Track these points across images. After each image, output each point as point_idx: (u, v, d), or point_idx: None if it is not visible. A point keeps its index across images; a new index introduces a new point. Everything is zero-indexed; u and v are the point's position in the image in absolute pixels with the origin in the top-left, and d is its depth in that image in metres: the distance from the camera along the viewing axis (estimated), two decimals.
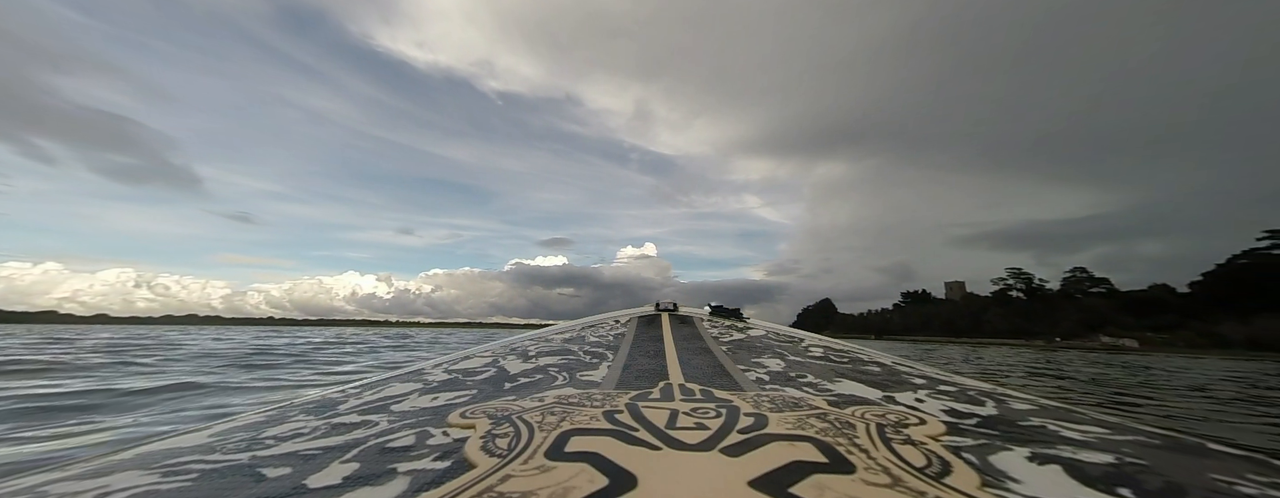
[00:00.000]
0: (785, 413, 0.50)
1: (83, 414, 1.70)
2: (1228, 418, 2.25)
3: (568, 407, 0.52)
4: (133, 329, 21.53)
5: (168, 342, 6.95)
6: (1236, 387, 3.84)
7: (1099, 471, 0.39)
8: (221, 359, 3.94)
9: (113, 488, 0.42)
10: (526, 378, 0.74)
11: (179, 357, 4.11)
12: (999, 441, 0.46)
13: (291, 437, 0.54)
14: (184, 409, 1.86)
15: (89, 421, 1.60)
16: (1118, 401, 2.72)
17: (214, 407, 1.94)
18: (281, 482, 0.41)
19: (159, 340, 7.39)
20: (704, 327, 1.16)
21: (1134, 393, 3.14)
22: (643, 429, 0.44)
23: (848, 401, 0.58)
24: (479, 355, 0.99)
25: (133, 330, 17.16)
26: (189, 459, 0.49)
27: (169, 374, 2.87)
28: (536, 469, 0.36)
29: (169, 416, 1.75)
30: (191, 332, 16.16)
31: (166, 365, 3.40)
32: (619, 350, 0.91)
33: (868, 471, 0.36)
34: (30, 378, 2.59)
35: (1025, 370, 5.04)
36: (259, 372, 3.15)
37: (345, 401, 0.71)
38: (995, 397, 0.66)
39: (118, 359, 3.74)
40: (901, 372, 0.82)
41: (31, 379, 2.54)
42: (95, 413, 1.73)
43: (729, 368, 0.76)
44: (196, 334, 12.12)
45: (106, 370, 3.00)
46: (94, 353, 4.34)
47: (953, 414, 0.56)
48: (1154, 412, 2.34)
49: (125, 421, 1.62)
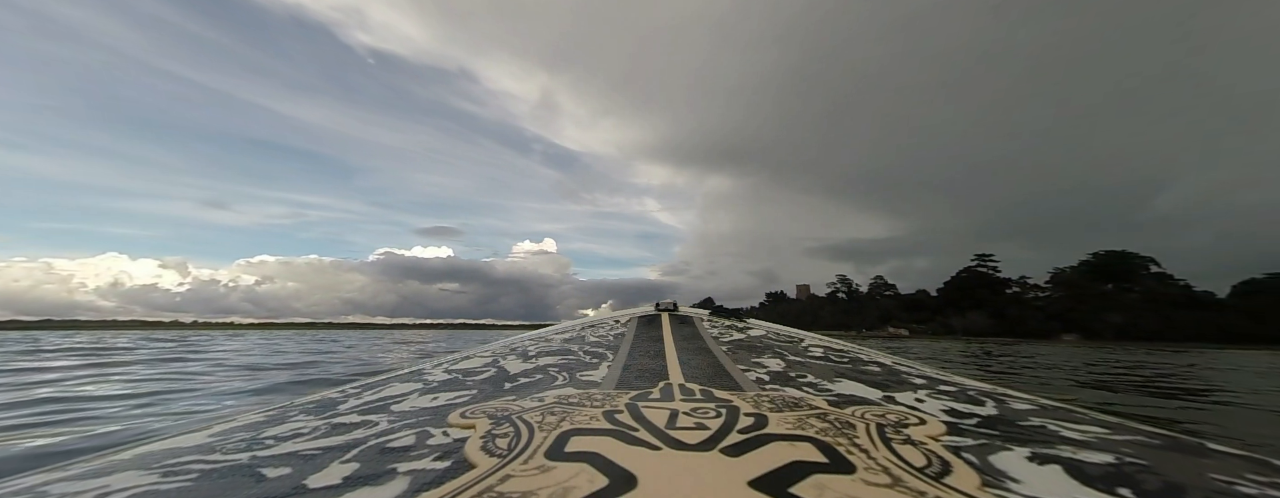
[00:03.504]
0: (785, 413, 0.49)
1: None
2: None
3: (568, 407, 0.52)
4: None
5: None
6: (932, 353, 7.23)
7: (1099, 471, 0.39)
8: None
9: (113, 488, 0.42)
10: (526, 378, 0.74)
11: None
12: (999, 441, 0.46)
13: (291, 437, 0.54)
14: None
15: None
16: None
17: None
18: (281, 482, 0.41)
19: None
20: (704, 327, 1.15)
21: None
22: (643, 429, 0.44)
23: (848, 401, 0.58)
24: (479, 356, 0.99)
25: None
26: (189, 459, 0.49)
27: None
28: (537, 469, 0.36)
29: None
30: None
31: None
32: (619, 351, 0.90)
33: (868, 471, 0.36)
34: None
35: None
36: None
37: (345, 401, 0.71)
38: (995, 397, 0.65)
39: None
40: (901, 372, 0.82)
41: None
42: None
43: (729, 368, 0.76)
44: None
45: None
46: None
47: (953, 414, 0.55)
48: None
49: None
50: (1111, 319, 39.10)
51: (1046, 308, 44.27)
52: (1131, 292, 41.86)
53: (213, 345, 7.25)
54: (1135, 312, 39.15)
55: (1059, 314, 42.53)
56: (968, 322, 45.85)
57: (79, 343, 7.89)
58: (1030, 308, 45.16)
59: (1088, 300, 41.67)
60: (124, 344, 7.30)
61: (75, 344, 7.37)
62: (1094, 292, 42.39)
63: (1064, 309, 42.51)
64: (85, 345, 6.97)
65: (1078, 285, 43.54)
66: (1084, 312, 40.94)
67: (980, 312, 46.23)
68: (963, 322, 46.24)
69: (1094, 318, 40.08)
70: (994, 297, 47.68)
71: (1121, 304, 40.38)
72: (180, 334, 17.59)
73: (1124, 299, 41.07)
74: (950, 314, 48.32)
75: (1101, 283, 43.01)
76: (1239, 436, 1.73)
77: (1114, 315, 39.30)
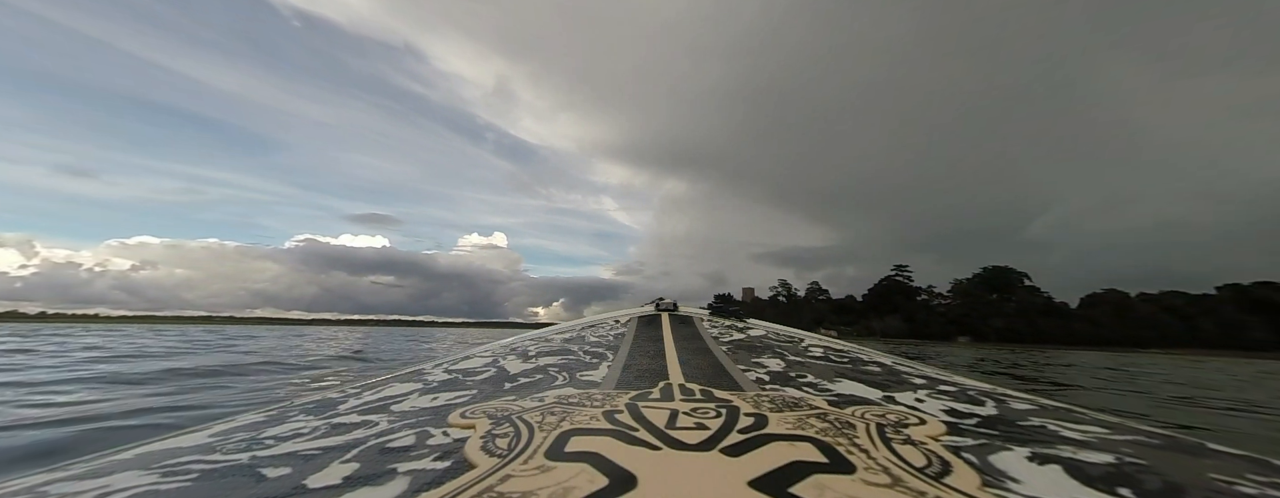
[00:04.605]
0: (785, 413, 0.49)
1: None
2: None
3: (568, 407, 0.52)
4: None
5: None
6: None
7: (1099, 471, 0.39)
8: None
9: (113, 488, 0.42)
10: (526, 378, 0.74)
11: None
12: (999, 441, 0.46)
13: (291, 437, 0.54)
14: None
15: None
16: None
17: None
18: (281, 482, 0.40)
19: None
20: (704, 327, 1.16)
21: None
22: (643, 429, 0.44)
23: (848, 401, 0.58)
24: (479, 355, 0.99)
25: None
26: (189, 459, 0.49)
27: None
28: (537, 469, 0.36)
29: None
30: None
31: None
32: (619, 351, 0.90)
33: (868, 471, 0.36)
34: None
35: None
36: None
37: (345, 401, 0.71)
38: (995, 397, 0.65)
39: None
40: (901, 372, 0.82)
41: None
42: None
43: (729, 368, 0.76)
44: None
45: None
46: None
47: (953, 414, 0.55)
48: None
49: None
50: (995, 324, 47.29)
51: (947, 314, 52.04)
52: (1010, 301, 50.34)
53: (56, 340, 6.11)
54: (1011, 318, 47.56)
55: (956, 319, 50.04)
56: (886, 325, 52.87)
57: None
58: (934, 314, 52.68)
59: (979, 308, 49.81)
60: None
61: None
62: (983, 300, 50.60)
63: (960, 315, 50.18)
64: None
65: (971, 295, 51.76)
66: (975, 318, 49.04)
67: (896, 316, 53.54)
68: (882, 325, 53.24)
69: (982, 323, 48.09)
70: (908, 303, 55.05)
71: (1002, 312, 48.73)
72: (20, 327, 13.60)
73: (1004, 307, 49.45)
74: (872, 318, 55.37)
75: (989, 293, 51.46)
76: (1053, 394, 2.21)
77: (996, 321, 47.56)
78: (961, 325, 49.01)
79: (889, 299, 55.92)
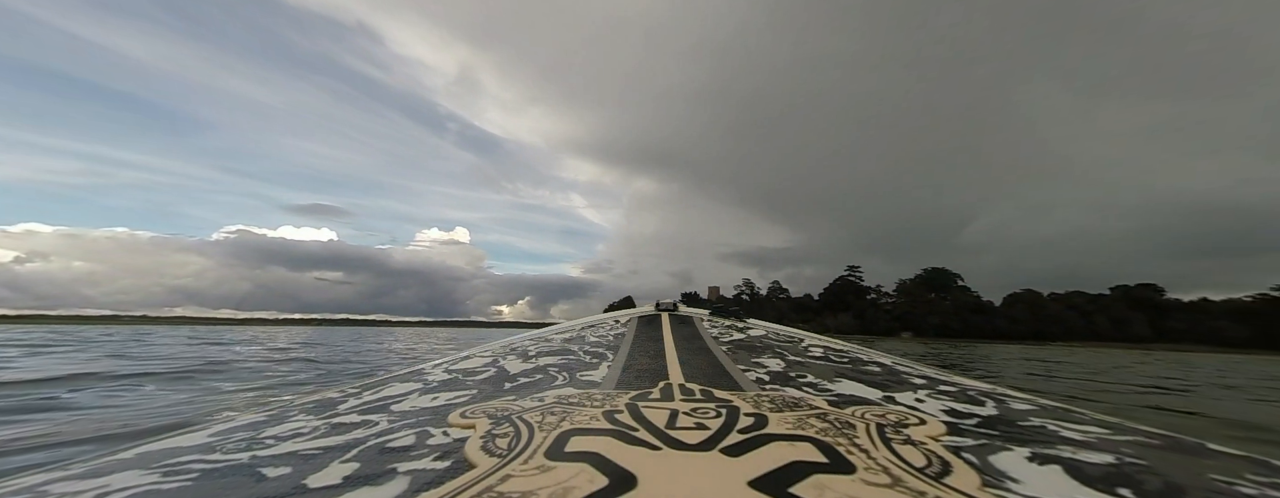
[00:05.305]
0: (785, 413, 0.49)
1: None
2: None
3: (568, 407, 0.52)
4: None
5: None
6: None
7: (1099, 471, 0.39)
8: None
9: (113, 488, 0.42)
10: (526, 378, 0.74)
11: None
12: (999, 441, 0.46)
13: (291, 437, 0.54)
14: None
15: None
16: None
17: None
18: (281, 482, 0.41)
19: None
20: (704, 327, 1.16)
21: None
22: (643, 429, 0.44)
23: (848, 401, 0.58)
24: (479, 355, 0.99)
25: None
26: (189, 459, 0.49)
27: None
28: (537, 469, 0.36)
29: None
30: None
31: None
32: (619, 351, 0.90)
33: (868, 471, 0.36)
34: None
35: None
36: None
37: (345, 400, 0.71)
38: (995, 397, 0.66)
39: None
40: (901, 372, 0.82)
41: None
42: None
43: (729, 368, 0.76)
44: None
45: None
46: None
47: (953, 414, 0.55)
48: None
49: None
50: (932, 321, 52.57)
51: (892, 311, 57.02)
52: (946, 300, 55.77)
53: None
54: (947, 316, 52.98)
55: (900, 316, 54.64)
56: (838, 322, 57.23)
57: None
58: (882, 311, 57.41)
59: (919, 306, 54.91)
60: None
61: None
62: (924, 299, 55.66)
63: (903, 312, 54.92)
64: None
65: (913, 293, 56.83)
66: (917, 315, 54.26)
67: (847, 314, 58.30)
68: (835, 322, 57.69)
69: (922, 320, 53.26)
70: (858, 301, 59.70)
71: (939, 309, 54.08)
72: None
73: (941, 306, 54.82)
74: (827, 315, 60.00)
75: (929, 292, 56.98)
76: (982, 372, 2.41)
77: (934, 318, 52.91)
78: (904, 322, 53.85)
79: (842, 298, 60.59)
